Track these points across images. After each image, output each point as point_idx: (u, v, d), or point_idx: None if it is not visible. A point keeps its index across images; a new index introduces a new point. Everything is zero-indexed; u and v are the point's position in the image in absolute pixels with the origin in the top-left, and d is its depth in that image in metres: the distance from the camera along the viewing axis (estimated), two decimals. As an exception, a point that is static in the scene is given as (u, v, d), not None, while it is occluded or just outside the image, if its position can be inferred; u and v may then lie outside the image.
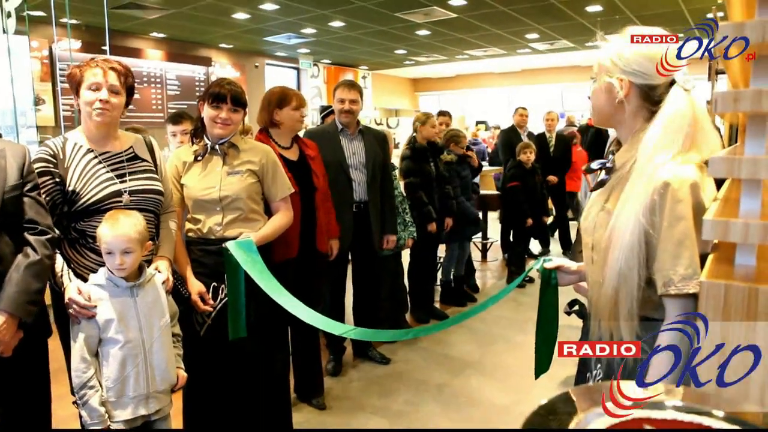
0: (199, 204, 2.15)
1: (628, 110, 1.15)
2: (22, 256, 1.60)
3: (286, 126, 2.61)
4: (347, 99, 3.08)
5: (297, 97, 2.62)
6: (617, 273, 1.05)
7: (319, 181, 2.66)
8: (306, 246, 2.56)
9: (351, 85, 3.16)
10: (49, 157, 1.84)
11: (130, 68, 1.97)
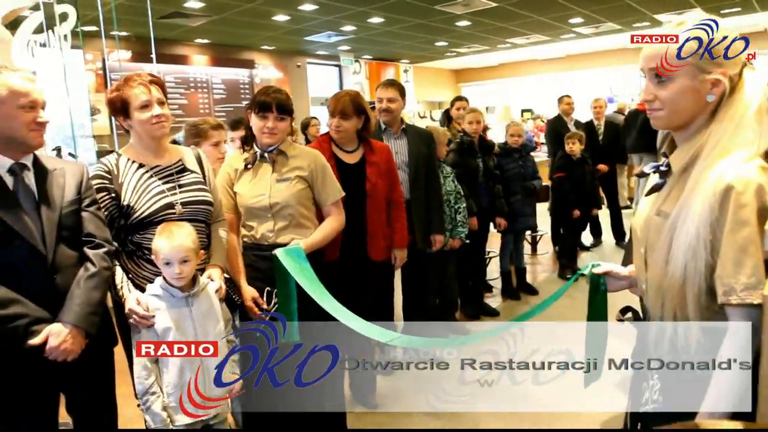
0: (250, 211, 2.19)
1: (709, 108, 1.05)
2: (83, 270, 1.68)
3: (331, 132, 2.62)
4: (385, 98, 3.08)
5: (332, 103, 2.60)
6: (677, 280, 1.00)
7: (374, 187, 2.59)
8: (351, 251, 2.52)
9: (389, 84, 3.15)
10: (104, 173, 1.92)
11: (161, 77, 2.04)
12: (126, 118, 1.94)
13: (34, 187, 1.66)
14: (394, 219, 2.75)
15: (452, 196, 3.52)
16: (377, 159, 2.65)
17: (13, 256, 1.58)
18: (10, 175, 1.64)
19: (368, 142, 2.68)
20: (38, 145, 1.67)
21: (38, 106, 1.63)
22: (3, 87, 1.59)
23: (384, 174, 2.67)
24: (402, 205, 2.79)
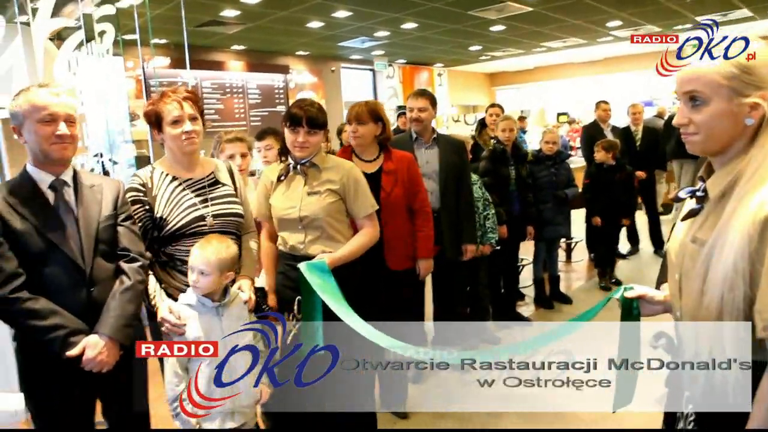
0: (282, 222, 2.22)
1: (748, 132, 1.00)
2: (118, 283, 1.73)
3: (350, 140, 2.63)
4: (415, 107, 3.07)
5: (349, 113, 2.61)
6: (712, 312, 0.95)
7: (388, 196, 2.59)
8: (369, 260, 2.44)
9: (420, 94, 3.14)
10: (139, 186, 1.97)
11: (197, 92, 2.08)
12: (159, 132, 1.99)
13: (73, 203, 1.72)
14: (418, 228, 2.72)
15: (480, 203, 3.49)
16: (395, 167, 2.64)
17: (53, 269, 1.63)
18: (52, 191, 1.69)
19: (388, 151, 2.67)
20: (62, 158, 1.70)
21: (58, 119, 1.65)
22: (25, 102, 1.65)
23: (403, 183, 2.64)
24: (427, 214, 2.75)
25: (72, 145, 1.70)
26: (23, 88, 1.70)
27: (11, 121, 1.69)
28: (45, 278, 1.63)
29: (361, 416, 2.44)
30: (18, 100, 1.66)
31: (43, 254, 1.63)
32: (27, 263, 1.62)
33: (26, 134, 1.66)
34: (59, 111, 1.65)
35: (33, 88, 1.68)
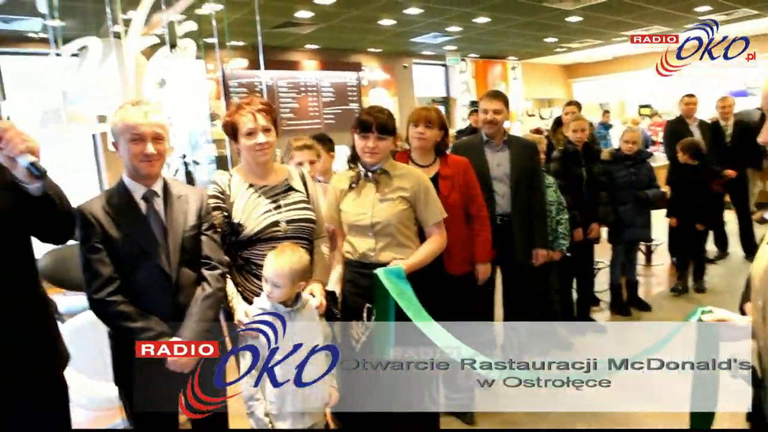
0: (353, 229, 2.25)
1: None
2: (200, 290, 1.83)
3: (412, 142, 2.63)
4: (490, 109, 3.02)
5: (416, 114, 2.60)
6: None
7: (446, 200, 2.54)
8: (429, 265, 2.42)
9: (494, 95, 3.09)
10: (218, 193, 2.07)
11: (271, 104, 2.16)
12: (236, 142, 2.08)
13: (162, 213, 1.83)
14: (476, 233, 2.71)
15: (554, 207, 3.39)
16: (452, 172, 2.63)
17: (144, 275, 1.76)
18: (144, 201, 1.82)
19: (445, 156, 2.68)
20: (149, 175, 1.82)
21: (146, 138, 1.76)
22: (119, 121, 1.78)
23: (459, 187, 2.64)
24: (484, 218, 2.73)
25: (159, 161, 1.81)
26: (120, 106, 1.82)
27: (111, 137, 1.83)
28: (136, 283, 1.75)
29: (424, 417, 2.45)
30: (114, 118, 1.79)
31: (135, 261, 1.75)
32: (120, 269, 1.75)
33: (120, 150, 1.80)
34: (147, 131, 1.76)
35: (127, 106, 1.80)
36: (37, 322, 1.62)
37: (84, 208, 1.76)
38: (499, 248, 2.93)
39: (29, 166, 1.41)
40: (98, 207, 1.77)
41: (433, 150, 2.65)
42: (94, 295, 1.73)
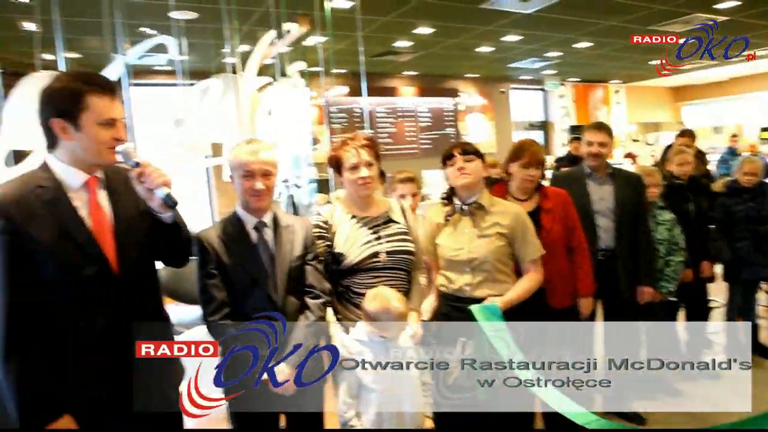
0: (449, 263, 2.26)
1: None
2: (303, 318, 1.91)
3: (515, 180, 2.61)
4: (595, 141, 2.93)
5: (529, 155, 2.55)
6: None
7: (549, 234, 2.52)
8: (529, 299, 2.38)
9: (600, 127, 2.99)
10: (322, 223, 2.16)
11: (374, 138, 2.25)
12: (340, 175, 2.17)
13: (271, 243, 1.94)
14: (577, 266, 2.63)
15: (663, 246, 3.17)
16: (552, 205, 2.59)
17: (252, 301, 1.87)
18: (255, 231, 1.94)
19: (542, 189, 2.64)
20: (258, 209, 1.95)
21: (256, 175, 1.90)
22: (234, 158, 1.93)
23: (560, 220, 2.58)
24: (584, 251, 2.66)
25: (267, 196, 1.94)
26: (238, 143, 1.98)
27: (229, 170, 1.99)
28: (246, 309, 1.87)
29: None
30: (231, 155, 1.95)
31: (245, 288, 1.87)
32: (232, 294, 1.87)
33: (235, 183, 1.95)
34: (256, 168, 1.90)
35: (242, 144, 1.95)
36: (163, 337, 1.76)
37: (202, 236, 1.91)
38: (601, 283, 2.82)
39: (165, 197, 1.56)
40: (214, 235, 1.92)
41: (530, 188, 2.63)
42: (208, 318, 1.86)
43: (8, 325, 1.46)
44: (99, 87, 1.53)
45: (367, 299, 2.00)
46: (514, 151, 2.61)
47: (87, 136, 1.52)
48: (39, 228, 1.49)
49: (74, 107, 1.50)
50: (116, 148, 1.56)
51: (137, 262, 1.64)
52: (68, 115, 1.50)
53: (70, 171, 1.57)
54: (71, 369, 1.52)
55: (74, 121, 1.51)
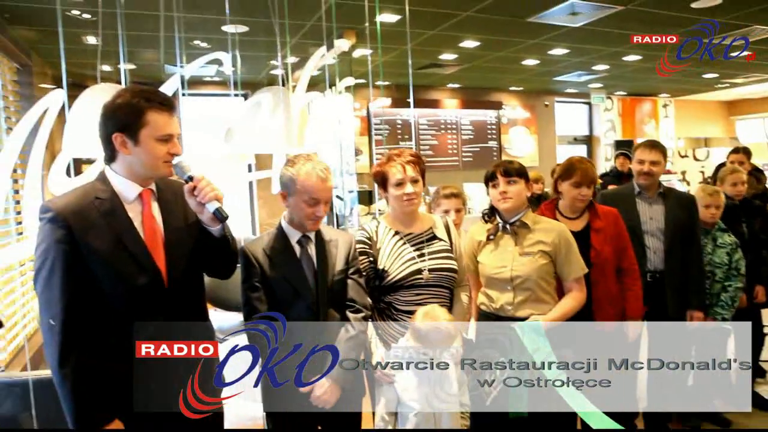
0: (491, 281, 2.25)
1: None
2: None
3: (566, 199, 2.57)
4: (647, 160, 2.86)
5: (581, 174, 2.52)
6: None
7: (598, 254, 2.49)
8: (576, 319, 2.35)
9: (653, 146, 2.92)
10: (365, 239, 2.18)
11: (420, 154, 2.24)
12: (385, 191, 2.19)
13: (314, 257, 1.98)
14: (627, 288, 2.58)
15: (721, 270, 3.04)
16: (603, 225, 2.54)
17: (294, 314, 1.89)
18: (298, 245, 1.98)
19: (593, 206, 2.59)
20: (312, 230, 1.99)
21: (320, 202, 1.92)
22: (299, 182, 1.90)
23: (611, 240, 2.54)
24: (635, 272, 2.61)
25: (321, 220, 1.97)
26: (298, 160, 1.95)
27: (281, 187, 1.98)
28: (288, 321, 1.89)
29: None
30: (292, 174, 1.92)
31: (288, 301, 1.91)
32: (274, 307, 1.90)
33: (291, 204, 1.95)
34: (323, 196, 1.92)
35: (308, 167, 1.91)
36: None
37: (248, 249, 1.95)
38: (649, 306, 2.75)
39: (216, 211, 1.61)
40: (259, 248, 1.96)
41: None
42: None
43: (64, 332, 1.52)
44: (159, 104, 1.59)
45: (417, 316, 2.01)
46: (565, 169, 2.57)
47: (144, 150, 1.58)
48: (96, 238, 1.56)
49: (135, 123, 1.56)
50: (172, 161, 1.62)
51: (185, 273, 1.69)
52: (128, 130, 1.57)
53: (127, 183, 1.63)
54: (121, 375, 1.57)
55: (134, 136, 1.57)
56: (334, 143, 4.91)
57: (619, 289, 2.59)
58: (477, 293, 2.35)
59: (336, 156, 5.14)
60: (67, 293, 1.53)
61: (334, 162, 5.50)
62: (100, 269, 1.56)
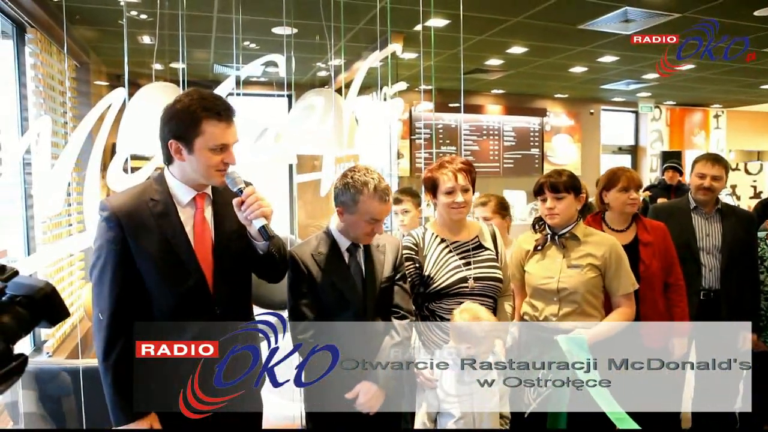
0: (537, 292, 2.21)
1: None
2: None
3: (615, 208, 2.51)
4: (709, 175, 2.75)
5: (626, 178, 2.47)
6: None
7: (647, 269, 2.42)
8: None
9: (716, 160, 2.81)
10: (412, 245, 2.17)
11: (472, 162, 2.21)
12: (434, 197, 2.17)
13: (362, 264, 1.97)
14: (673, 304, 2.50)
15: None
16: (652, 239, 2.47)
17: (342, 321, 1.90)
18: (348, 252, 1.97)
19: (640, 219, 2.53)
20: (366, 243, 1.98)
21: (380, 221, 1.90)
22: (362, 205, 1.86)
23: (660, 254, 2.46)
24: (681, 288, 2.53)
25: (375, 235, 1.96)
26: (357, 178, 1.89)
27: (337, 203, 1.93)
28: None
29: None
30: (353, 195, 1.87)
31: (335, 307, 1.91)
32: (322, 313, 1.91)
33: (348, 219, 1.91)
34: (383, 217, 1.92)
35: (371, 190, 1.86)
36: (254, 342, 1.82)
37: (296, 254, 1.94)
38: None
39: (261, 228, 1.60)
40: (308, 254, 1.95)
41: (630, 215, 2.53)
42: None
43: (110, 327, 1.57)
44: (216, 114, 1.59)
45: (456, 313, 1.99)
46: (608, 178, 2.52)
47: (198, 159, 1.60)
48: (147, 239, 1.59)
49: (190, 131, 1.58)
50: (225, 171, 1.62)
51: (233, 278, 1.71)
52: (184, 139, 1.59)
53: (182, 187, 1.66)
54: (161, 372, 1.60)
55: (188, 145, 1.59)
56: (382, 147, 4.91)
57: (665, 304, 2.52)
58: (521, 303, 2.31)
59: (384, 161, 5.14)
60: (116, 291, 1.58)
61: (383, 166, 5.51)
62: (148, 269, 1.60)
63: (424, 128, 9.60)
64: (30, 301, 1.11)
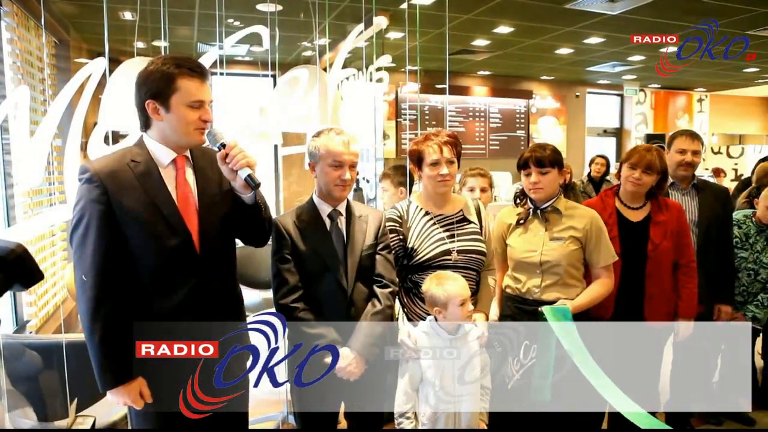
0: (520, 265, 2.24)
1: None
2: (371, 306, 1.95)
3: (623, 184, 2.51)
4: (689, 150, 2.77)
5: (638, 157, 2.43)
6: None
7: (656, 248, 2.42)
8: (625, 312, 2.38)
9: (695, 136, 2.84)
10: (396, 217, 2.19)
11: (458, 136, 2.22)
12: (419, 170, 2.18)
13: (344, 231, 1.99)
14: (682, 285, 2.50)
15: (765, 271, 2.98)
16: (666, 218, 2.45)
17: (323, 287, 1.92)
18: (329, 219, 1.99)
19: (657, 199, 2.50)
20: (340, 198, 1.99)
21: (345, 165, 1.93)
22: (323, 147, 1.94)
23: (672, 235, 2.45)
24: (692, 270, 2.51)
25: (350, 186, 1.98)
26: (323, 131, 2.00)
27: (308, 158, 2.01)
28: (316, 294, 1.92)
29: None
30: (317, 142, 1.97)
31: (317, 273, 1.93)
32: (304, 279, 1.93)
33: (318, 172, 1.98)
34: (346, 159, 1.93)
35: (332, 134, 1.97)
36: (238, 317, 1.83)
37: (279, 221, 1.97)
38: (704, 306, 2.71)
39: (247, 177, 1.62)
40: (290, 221, 1.98)
41: (645, 194, 2.51)
42: (280, 301, 1.92)
43: (95, 288, 1.56)
44: (190, 70, 1.60)
45: (426, 281, 2.01)
46: (628, 153, 2.51)
47: (176, 116, 1.60)
48: (130, 198, 1.59)
49: (166, 89, 1.59)
50: (205, 129, 1.63)
51: (217, 239, 1.72)
52: (160, 97, 1.59)
53: (162, 149, 1.66)
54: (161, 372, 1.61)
55: (165, 103, 1.60)
56: (367, 126, 4.90)
57: (673, 285, 2.51)
58: (502, 276, 2.34)
59: (369, 139, 5.14)
60: (101, 251, 1.57)
61: (368, 147, 5.48)
62: (133, 229, 1.60)
63: (409, 110, 9.58)
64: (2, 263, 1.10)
